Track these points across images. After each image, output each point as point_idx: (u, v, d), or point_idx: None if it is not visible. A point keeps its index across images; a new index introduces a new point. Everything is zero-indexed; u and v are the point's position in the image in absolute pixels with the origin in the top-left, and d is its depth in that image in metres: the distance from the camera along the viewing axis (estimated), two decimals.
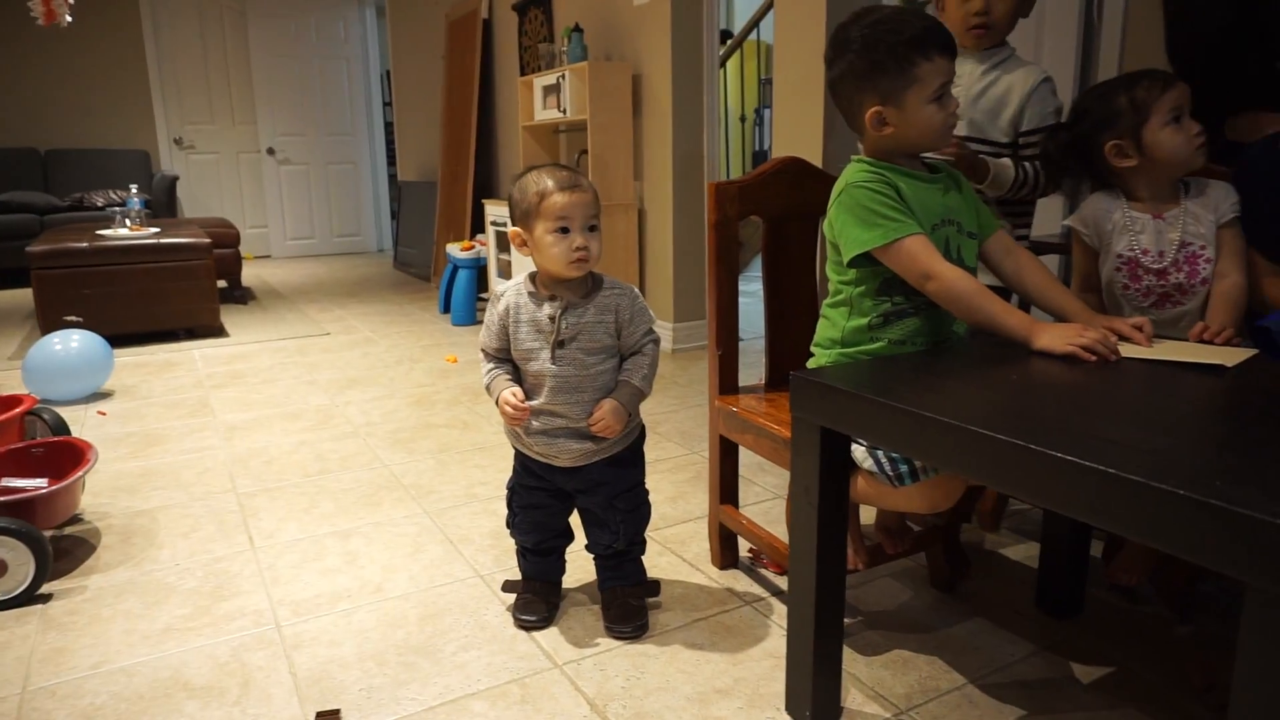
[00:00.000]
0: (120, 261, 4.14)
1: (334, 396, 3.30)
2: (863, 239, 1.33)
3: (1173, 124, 1.47)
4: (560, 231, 1.45)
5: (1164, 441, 0.91)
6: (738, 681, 1.47)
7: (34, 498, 1.87)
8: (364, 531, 2.08)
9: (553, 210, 1.45)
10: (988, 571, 1.84)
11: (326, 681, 1.49)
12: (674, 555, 1.94)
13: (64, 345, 3.19)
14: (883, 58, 1.32)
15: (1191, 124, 1.47)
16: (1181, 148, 1.48)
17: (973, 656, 1.53)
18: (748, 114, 6.38)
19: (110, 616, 1.71)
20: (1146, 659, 1.50)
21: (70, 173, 6.85)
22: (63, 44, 6.83)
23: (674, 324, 3.95)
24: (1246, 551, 0.72)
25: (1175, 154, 1.49)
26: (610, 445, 1.56)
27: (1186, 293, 1.50)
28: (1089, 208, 1.59)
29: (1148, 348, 1.27)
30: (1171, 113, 1.47)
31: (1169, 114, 1.47)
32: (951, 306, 1.33)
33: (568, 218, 1.45)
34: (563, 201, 1.45)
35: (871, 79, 1.34)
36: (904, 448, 1.24)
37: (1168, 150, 1.48)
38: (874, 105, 1.35)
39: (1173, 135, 1.48)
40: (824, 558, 1.26)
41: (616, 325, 1.53)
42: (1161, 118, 1.47)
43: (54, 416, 2.42)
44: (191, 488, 2.39)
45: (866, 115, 1.36)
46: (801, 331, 1.66)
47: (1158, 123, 1.47)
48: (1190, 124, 1.47)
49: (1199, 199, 1.50)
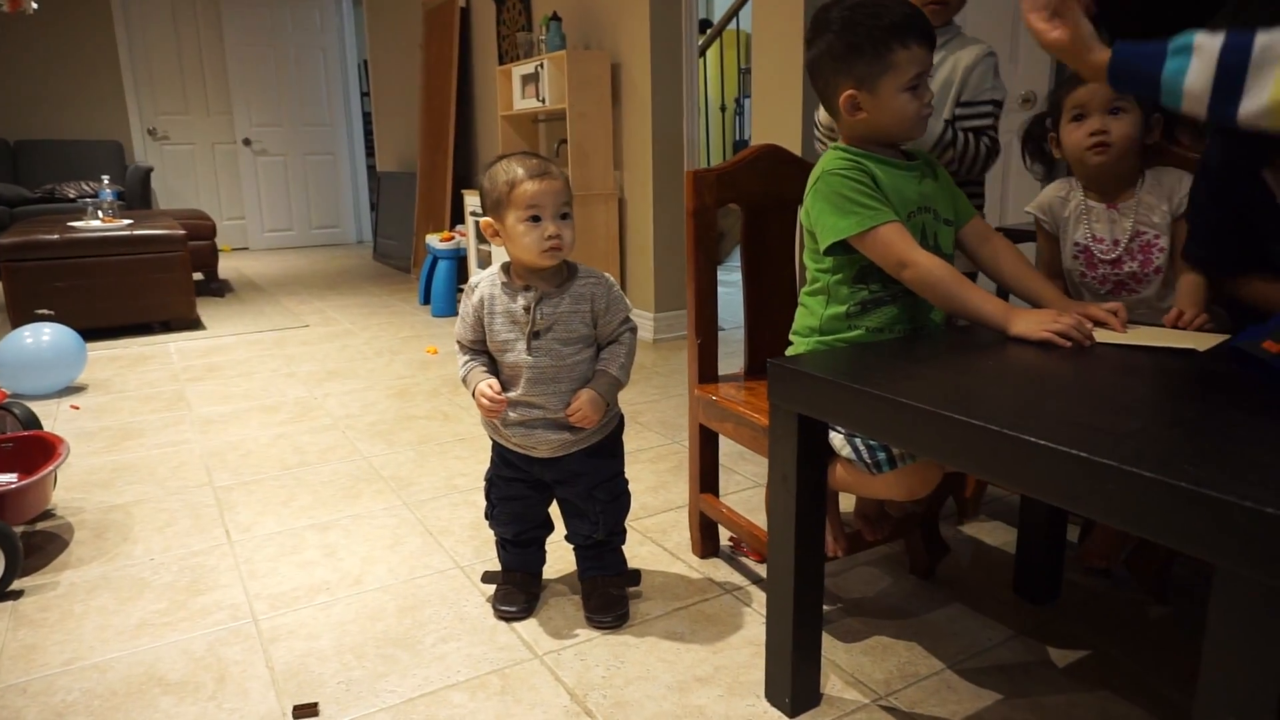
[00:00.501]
0: (93, 254, 4.07)
1: (313, 389, 3.27)
2: (839, 227, 1.33)
3: (1073, 122, 1.52)
4: (531, 220, 1.44)
5: (1135, 425, 0.91)
6: (718, 670, 1.47)
7: (3, 493, 1.84)
8: (343, 524, 2.07)
9: (523, 199, 1.44)
10: (966, 557, 1.85)
11: (304, 675, 1.47)
12: (654, 544, 1.93)
13: (35, 339, 3.14)
14: (860, 41, 1.32)
15: (1090, 123, 1.49)
16: (1076, 147, 1.52)
17: (951, 642, 1.54)
18: (728, 103, 6.37)
19: (83, 612, 1.69)
20: (1124, 643, 1.52)
21: (41, 164, 6.74)
22: (31, 31, 6.71)
23: (655, 314, 3.95)
24: (1215, 534, 0.73)
25: (1072, 153, 1.54)
26: (588, 436, 1.55)
27: (1141, 281, 1.53)
28: (1046, 195, 1.63)
29: (1121, 333, 1.28)
30: (1074, 110, 1.51)
31: (1071, 111, 1.51)
32: (927, 294, 1.33)
33: (539, 205, 1.44)
34: (533, 189, 1.43)
35: (847, 62, 1.33)
36: (881, 434, 1.24)
37: (1065, 147, 1.55)
38: (848, 89, 1.35)
39: (1069, 134, 1.53)
40: (802, 545, 1.26)
41: (593, 314, 1.52)
42: (1066, 115, 1.53)
43: (25, 411, 2.38)
44: (167, 482, 2.36)
45: (841, 99, 1.36)
46: (781, 320, 1.66)
47: (1064, 120, 1.53)
48: (1089, 123, 1.49)
49: (1154, 188, 1.52)
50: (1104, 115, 1.48)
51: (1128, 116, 1.47)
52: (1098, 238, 1.55)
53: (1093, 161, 1.50)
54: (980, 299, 1.30)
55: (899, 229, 1.32)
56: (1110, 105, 1.47)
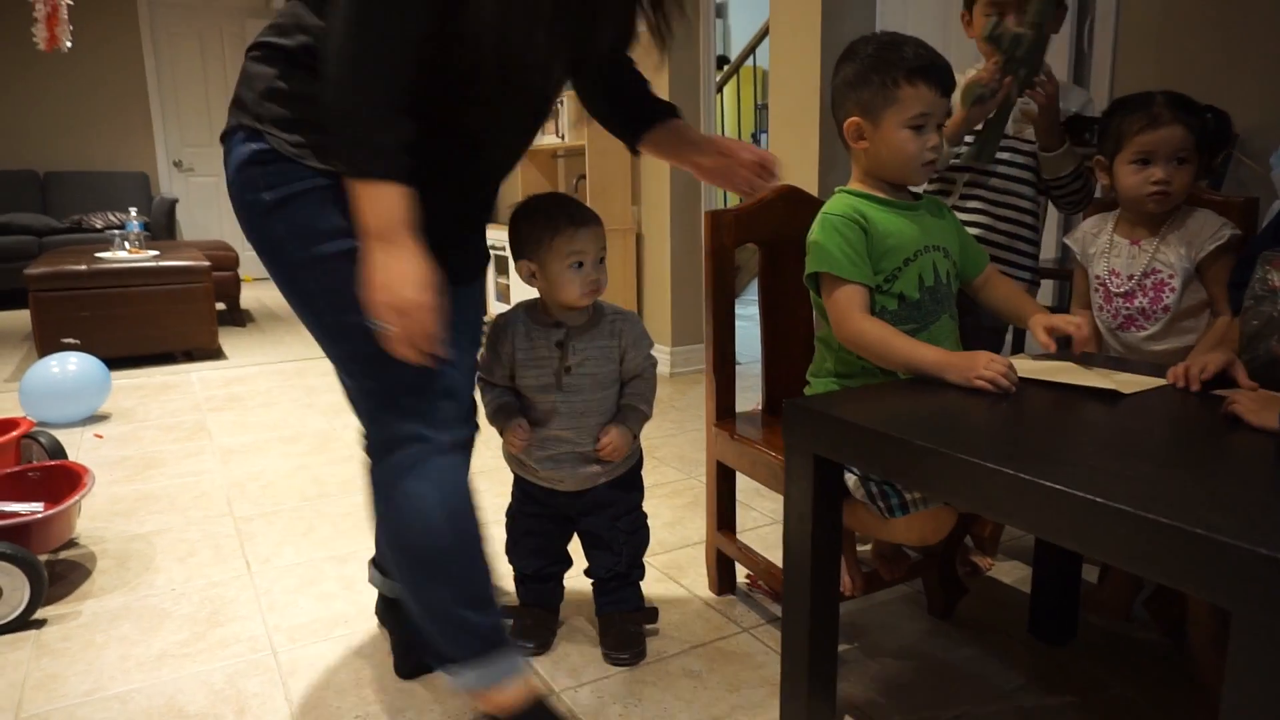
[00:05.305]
0: (118, 284, 4.15)
1: (332, 420, 3.31)
2: (814, 260, 1.41)
3: (1135, 164, 1.50)
4: (575, 266, 1.47)
5: (1148, 469, 0.92)
6: (734, 709, 1.47)
7: (29, 522, 1.87)
8: (361, 556, 2.08)
9: (567, 246, 1.47)
10: (984, 597, 1.84)
11: (322, 709, 1.48)
12: (671, 581, 1.94)
13: (61, 368, 3.19)
14: (869, 72, 1.36)
15: (1154, 170, 1.48)
16: (1134, 190, 1.51)
17: (968, 684, 1.53)
18: (745, 139, 6.44)
19: (105, 642, 1.71)
20: (1143, 687, 1.51)
21: (69, 195, 6.87)
22: (62, 66, 6.87)
23: (672, 348, 3.97)
24: (1230, 580, 0.73)
25: (1128, 193, 1.53)
26: (613, 468, 1.58)
27: (1149, 317, 1.54)
28: (1082, 228, 1.65)
29: (1045, 366, 1.33)
30: (1139, 153, 1.49)
31: (1135, 153, 1.50)
32: (866, 354, 1.38)
33: (582, 252, 1.47)
34: (577, 237, 1.47)
35: (856, 90, 1.38)
36: (895, 476, 1.25)
37: (1123, 188, 1.54)
38: (854, 116, 1.39)
39: (1130, 174, 1.51)
40: (818, 584, 1.27)
41: (620, 350, 1.55)
42: (1128, 154, 1.51)
43: (50, 440, 2.42)
44: (188, 512, 2.39)
45: (846, 125, 1.40)
46: (798, 356, 1.68)
47: (1124, 157, 1.52)
48: (1153, 170, 1.48)
49: (1177, 229, 1.53)
50: (1169, 165, 1.48)
51: (1189, 167, 1.48)
52: (1114, 271, 1.57)
53: (1149, 208, 1.51)
54: (918, 352, 1.31)
55: (860, 293, 1.37)
56: (1177, 155, 1.47)
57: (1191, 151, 1.48)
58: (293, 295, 1.21)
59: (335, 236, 1.13)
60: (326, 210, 1.13)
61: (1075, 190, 1.79)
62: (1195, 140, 1.47)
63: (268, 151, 1.14)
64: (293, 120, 1.14)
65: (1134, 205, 1.54)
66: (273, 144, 1.14)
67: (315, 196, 1.13)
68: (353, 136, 1.05)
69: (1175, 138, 1.46)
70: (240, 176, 1.17)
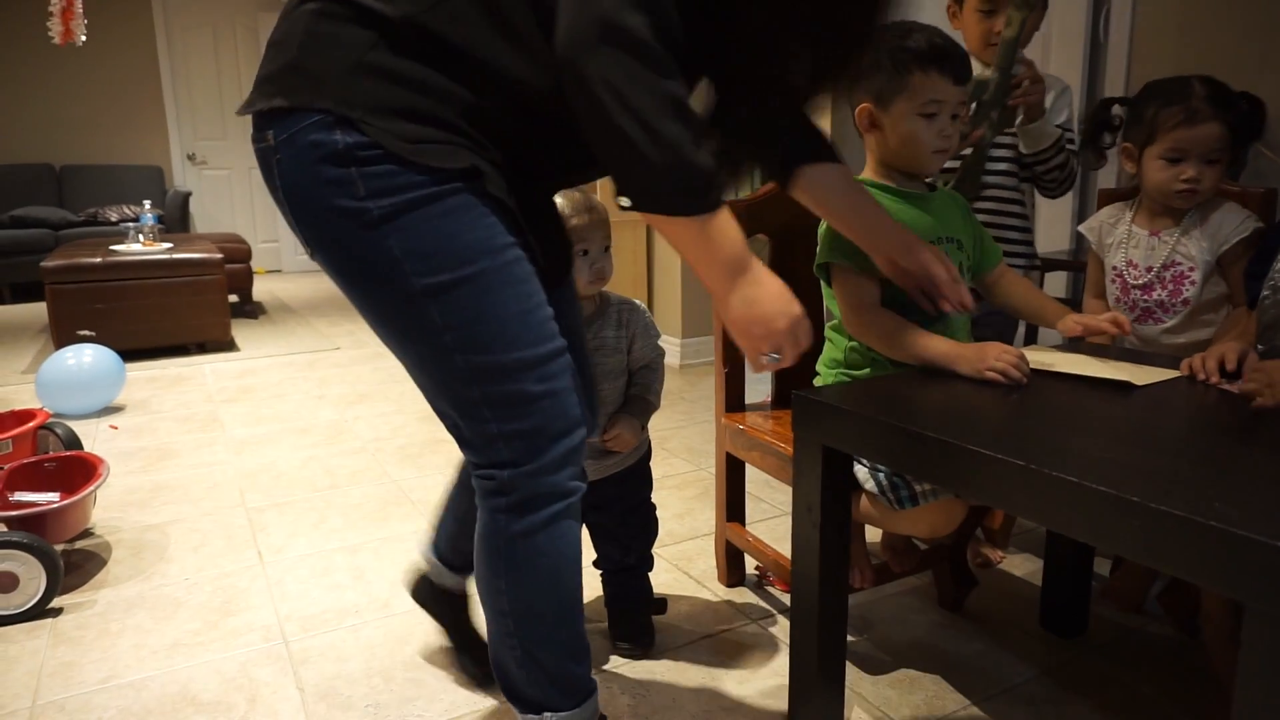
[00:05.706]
0: (133, 276, 4.18)
1: (343, 411, 3.32)
2: (824, 251, 1.40)
3: (1166, 159, 1.48)
4: (580, 255, 1.47)
5: (1163, 462, 0.91)
6: (743, 700, 1.47)
7: (46, 512, 1.89)
8: (372, 547, 2.09)
9: (572, 235, 1.47)
10: (995, 590, 1.83)
11: (333, 697, 1.49)
12: (680, 572, 1.94)
13: (77, 360, 3.22)
14: (882, 57, 1.35)
15: (1185, 168, 1.46)
16: (1162, 185, 1.49)
17: (978, 677, 1.52)
18: None
19: (119, 631, 1.73)
20: (1154, 679, 1.50)
21: (84, 188, 6.92)
22: (77, 60, 6.91)
23: (682, 339, 3.96)
24: (1245, 573, 0.73)
25: (1155, 188, 1.51)
26: (622, 459, 1.58)
27: (1168, 310, 1.53)
28: (1099, 217, 1.63)
29: (1057, 357, 1.33)
30: (1172, 151, 1.46)
31: (1168, 149, 1.47)
32: (877, 346, 1.37)
33: (587, 241, 1.47)
34: (582, 226, 1.47)
35: (869, 75, 1.37)
36: (904, 467, 1.24)
37: (1150, 181, 1.51)
38: (866, 103, 1.39)
39: (1160, 170, 1.49)
40: (827, 576, 1.26)
41: (629, 340, 1.54)
42: (1160, 148, 1.48)
43: (66, 431, 2.45)
44: (201, 502, 2.40)
45: (857, 111, 1.40)
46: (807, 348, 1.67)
47: (1155, 151, 1.49)
48: (1184, 168, 1.46)
49: (1200, 221, 1.51)
50: (1201, 163, 1.45)
51: (1219, 165, 1.46)
52: (1132, 263, 1.55)
53: (1176, 204, 1.50)
54: (929, 343, 1.30)
55: (870, 285, 1.37)
56: (1210, 154, 1.45)
57: (1225, 150, 1.45)
58: (402, 328, 1.00)
59: (475, 257, 0.94)
60: (461, 224, 0.94)
61: (1057, 166, 1.77)
62: (1231, 138, 1.44)
63: (368, 145, 0.92)
64: (402, 110, 0.92)
65: (1159, 199, 1.52)
66: (375, 136, 0.91)
67: (441, 207, 0.93)
68: (675, 182, 0.90)
69: (1212, 137, 1.43)
70: (318, 175, 0.93)
